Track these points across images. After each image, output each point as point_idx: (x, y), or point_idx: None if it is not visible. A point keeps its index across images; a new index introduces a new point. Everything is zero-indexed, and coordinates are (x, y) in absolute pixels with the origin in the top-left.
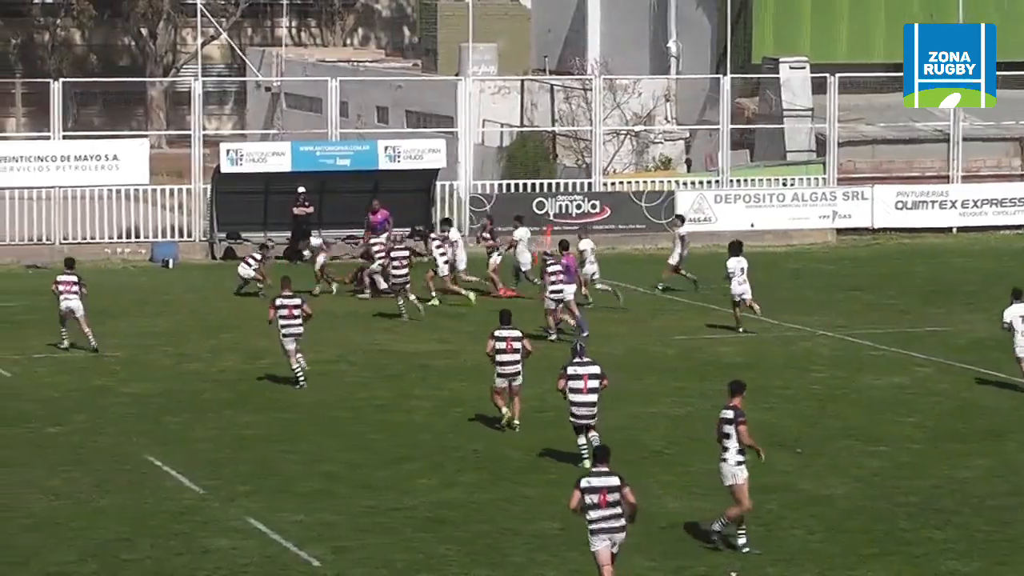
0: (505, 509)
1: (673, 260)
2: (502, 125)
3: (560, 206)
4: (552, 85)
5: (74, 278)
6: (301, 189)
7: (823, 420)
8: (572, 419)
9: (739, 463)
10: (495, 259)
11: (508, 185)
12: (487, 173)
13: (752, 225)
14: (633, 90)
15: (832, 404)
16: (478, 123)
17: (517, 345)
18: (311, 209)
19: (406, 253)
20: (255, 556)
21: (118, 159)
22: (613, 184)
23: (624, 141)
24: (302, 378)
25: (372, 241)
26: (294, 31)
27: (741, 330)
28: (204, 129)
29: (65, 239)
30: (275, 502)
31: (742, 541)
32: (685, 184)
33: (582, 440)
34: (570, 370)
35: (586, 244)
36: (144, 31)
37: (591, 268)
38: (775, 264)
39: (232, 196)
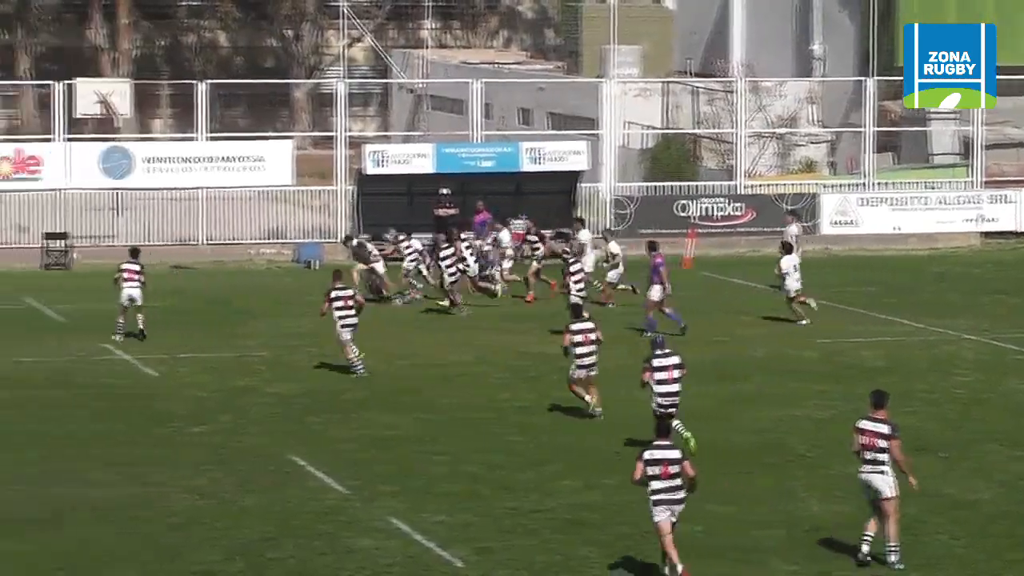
0: (646, 511)
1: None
2: (645, 127)
3: (703, 208)
4: (695, 87)
5: (137, 267)
6: (444, 190)
7: (967, 424)
8: (659, 409)
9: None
10: (534, 264)
11: (651, 187)
12: (629, 175)
13: (896, 228)
14: (777, 92)
15: (976, 408)
16: (621, 125)
17: (593, 336)
18: (455, 210)
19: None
20: (398, 556)
21: (263, 160)
22: (756, 187)
23: (767, 143)
24: (360, 367)
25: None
26: (437, 33)
27: (804, 322)
28: (348, 131)
29: (210, 240)
30: (417, 502)
31: (894, 558)
32: (829, 187)
33: (675, 422)
34: (655, 362)
35: (615, 247)
36: (289, 33)
37: (614, 273)
38: (919, 267)
39: (376, 197)
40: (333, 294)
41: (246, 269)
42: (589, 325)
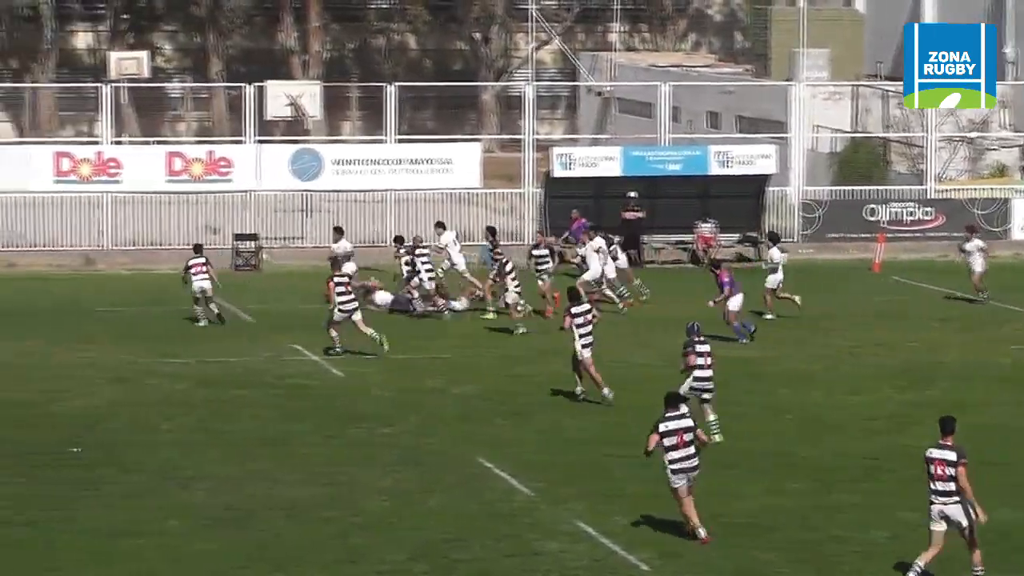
0: (832, 517)
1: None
2: (834, 131)
3: (892, 213)
4: (885, 91)
5: (203, 260)
6: (632, 194)
7: None
8: (697, 393)
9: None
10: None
11: (840, 191)
12: (818, 179)
13: None
14: None
15: None
16: (810, 128)
17: (590, 317)
18: (643, 214)
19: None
20: (584, 559)
21: (452, 163)
22: (947, 192)
23: (958, 148)
24: (337, 349)
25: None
26: (625, 36)
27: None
28: (536, 133)
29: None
30: (603, 505)
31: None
32: (1021, 192)
33: (712, 417)
34: (699, 348)
35: (776, 254)
36: (477, 35)
37: (773, 278)
38: None
39: (563, 200)
40: (336, 279)
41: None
42: (587, 307)
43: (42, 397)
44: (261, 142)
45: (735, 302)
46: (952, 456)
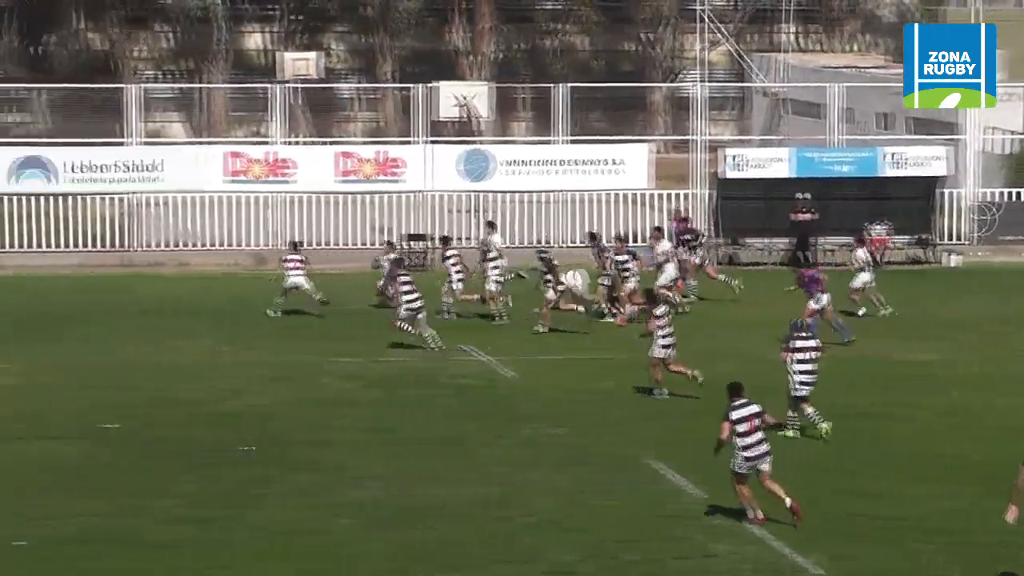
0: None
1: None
2: (1008, 132)
3: None
4: None
5: (299, 257)
6: (803, 195)
7: None
8: (802, 387)
9: None
10: (631, 284)
11: (1015, 193)
12: (991, 181)
13: None
14: None
15: None
16: (983, 130)
17: (669, 319)
18: (814, 215)
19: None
20: (754, 561)
21: (623, 163)
22: None
23: None
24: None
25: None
26: (796, 37)
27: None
28: (706, 135)
29: (568, 242)
30: (770, 506)
31: None
32: None
33: (810, 410)
34: (797, 343)
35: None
36: (647, 36)
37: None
38: None
39: (734, 202)
40: (400, 279)
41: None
42: (666, 308)
43: (213, 396)
44: (431, 142)
45: (820, 300)
46: None
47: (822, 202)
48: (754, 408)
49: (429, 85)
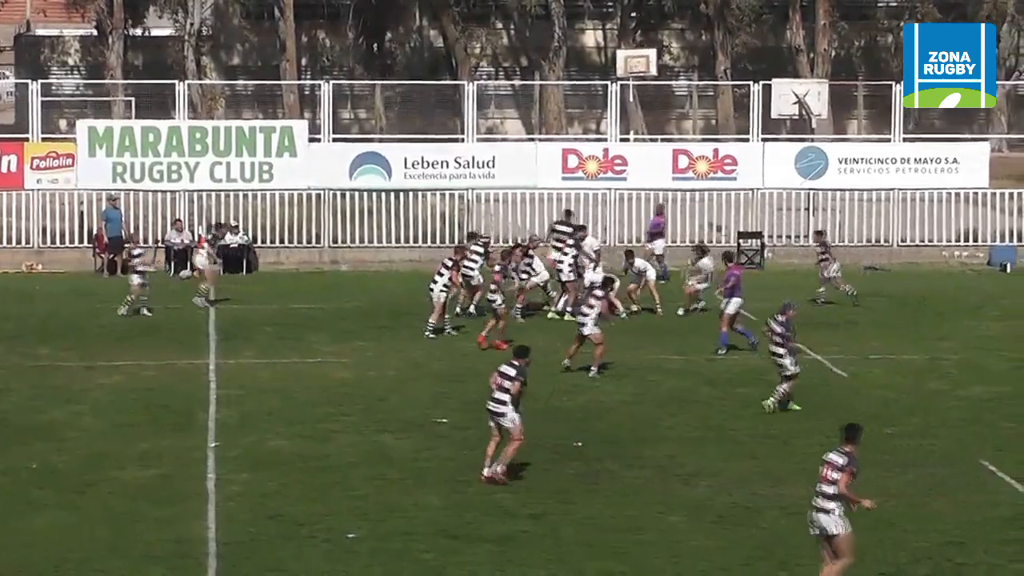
0: None
1: None
2: None
3: None
4: None
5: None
6: None
7: None
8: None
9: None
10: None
11: None
12: None
13: None
14: None
15: None
16: None
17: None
18: None
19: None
20: None
21: (958, 162)
22: None
23: None
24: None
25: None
26: None
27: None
28: None
29: (903, 241)
30: None
31: None
32: None
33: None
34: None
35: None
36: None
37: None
38: None
39: None
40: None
41: (939, 271)
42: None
43: (547, 391)
44: (766, 140)
45: (732, 306)
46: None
47: None
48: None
49: (765, 82)
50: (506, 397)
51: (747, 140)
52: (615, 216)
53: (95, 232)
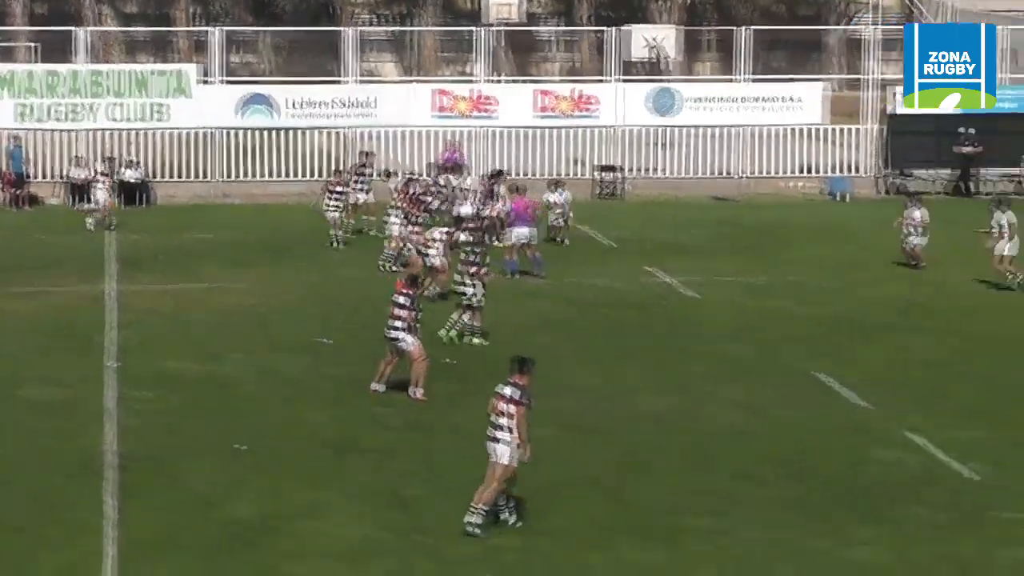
0: None
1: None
2: None
3: None
4: None
5: None
6: (969, 130)
7: None
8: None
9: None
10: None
11: None
12: None
13: None
14: None
15: None
16: None
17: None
18: (978, 148)
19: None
20: (916, 470)
21: (800, 101)
22: None
23: None
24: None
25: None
26: None
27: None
28: (877, 74)
29: (749, 173)
30: (938, 420)
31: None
32: None
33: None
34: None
35: (1004, 217)
36: None
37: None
38: None
39: (903, 137)
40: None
41: (782, 201)
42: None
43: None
44: (623, 81)
45: (514, 235)
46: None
47: (986, 137)
48: None
49: (622, 28)
50: (400, 324)
51: (606, 81)
52: (485, 152)
53: (0, 169)
